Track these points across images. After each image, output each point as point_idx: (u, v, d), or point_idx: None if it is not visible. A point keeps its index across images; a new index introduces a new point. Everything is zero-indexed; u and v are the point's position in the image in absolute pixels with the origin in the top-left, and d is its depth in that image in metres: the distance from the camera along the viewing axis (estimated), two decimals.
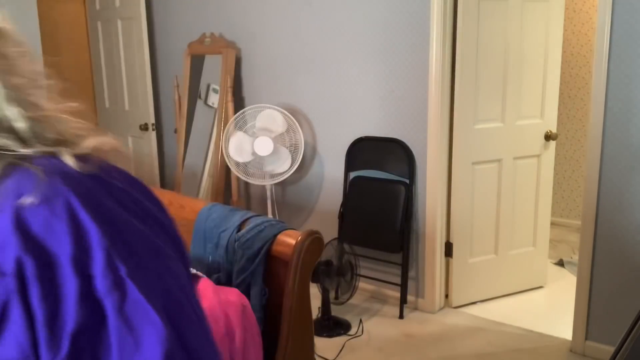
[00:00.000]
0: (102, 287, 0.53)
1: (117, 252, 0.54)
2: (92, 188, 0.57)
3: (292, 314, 1.78)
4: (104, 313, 0.53)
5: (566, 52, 4.41)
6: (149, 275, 0.56)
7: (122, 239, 0.56)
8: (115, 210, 0.57)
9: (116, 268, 0.54)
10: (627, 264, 2.65)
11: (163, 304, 0.56)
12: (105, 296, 0.53)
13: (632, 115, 2.55)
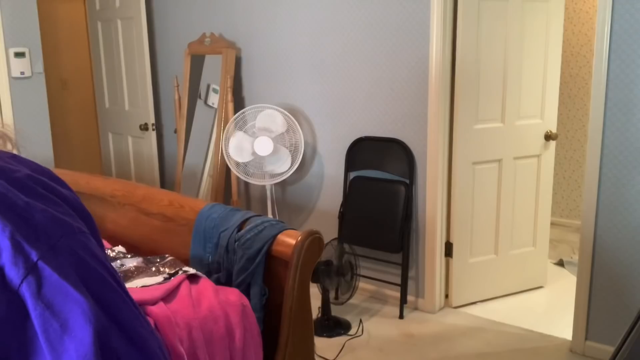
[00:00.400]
0: (15, 276, 0.51)
1: (23, 236, 0.52)
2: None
3: (292, 314, 1.78)
4: (23, 303, 0.50)
5: (566, 52, 4.40)
6: (61, 253, 0.54)
7: (27, 222, 0.54)
8: (13, 195, 0.55)
9: (26, 253, 0.52)
10: (627, 264, 2.65)
11: (82, 280, 0.54)
12: (20, 284, 0.51)
13: (632, 115, 2.55)
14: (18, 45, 3.60)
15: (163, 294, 1.67)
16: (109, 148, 4.64)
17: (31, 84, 3.70)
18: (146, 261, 1.91)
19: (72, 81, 5.63)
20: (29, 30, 3.65)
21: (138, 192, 2.33)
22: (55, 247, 0.53)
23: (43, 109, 3.78)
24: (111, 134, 4.60)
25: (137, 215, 2.27)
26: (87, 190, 2.49)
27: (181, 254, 2.04)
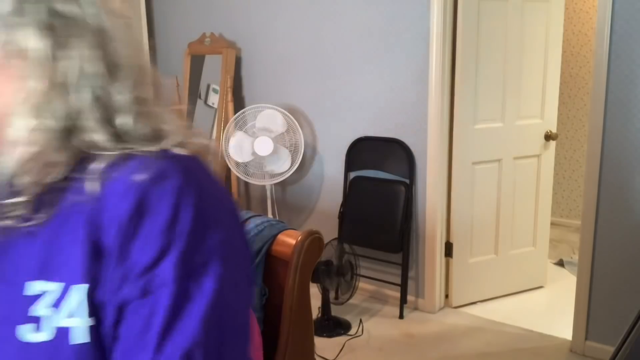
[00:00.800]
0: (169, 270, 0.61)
1: (196, 246, 0.62)
2: (195, 174, 0.65)
3: (292, 314, 1.78)
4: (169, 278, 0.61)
5: (566, 52, 4.40)
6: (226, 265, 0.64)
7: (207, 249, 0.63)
8: (212, 204, 0.65)
9: (189, 260, 0.62)
10: (627, 264, 2.65)
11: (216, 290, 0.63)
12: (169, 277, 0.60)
13: (632, 115, 2.55)
14: None
15: None
16: None
17: None
18: None
19: None
20: None
21: None
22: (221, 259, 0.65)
23: None
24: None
25: None
26: None
27: None
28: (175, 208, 0.61)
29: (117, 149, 0.64)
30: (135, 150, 0.64)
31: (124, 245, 0.61)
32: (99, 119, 0.63)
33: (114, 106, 0.64)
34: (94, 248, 0.61)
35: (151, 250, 0.61)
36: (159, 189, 0.62)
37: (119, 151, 0.63)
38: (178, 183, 0.62)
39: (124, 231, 0.61)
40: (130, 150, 0.64)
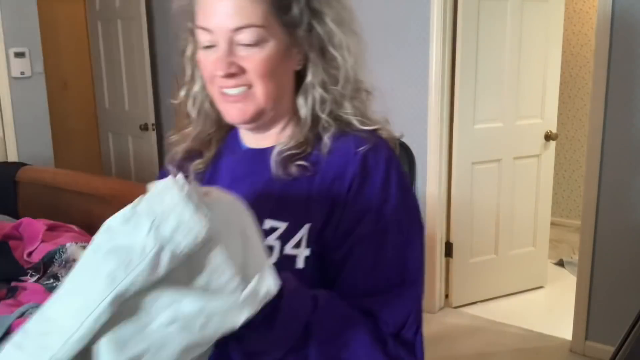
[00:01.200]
0: (391, 210, 0.83)
1: (403, 200, 0.85)
2: (394, 151, 0.92)
3: None
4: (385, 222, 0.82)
5: (566, 52, 4.40)
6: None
7: (407, 203, 0.87)
8: (404, 173, 0.92)
9: (400, 209, 0.84)
10: (627, 264, 2.65)
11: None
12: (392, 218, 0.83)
13: (632, 115, 2.55)
14: (18, 45, 3.60)
15: None
16: (109, 148, 4.63)
17: (31, 84, 3.70)
18: None
19: (72, 81, 5.63)
20: (29, 30, 3.65)
21: (138, 192, 2.32)
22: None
23: (43, 109, 3.78)
24: (111, 134, 4.60)
25: None
26: (87, 190, 2.49)
27: None
28: (387, 172, 0.84)
29: (345, 128, 0.89)
30: (352, 130, 0.88)
31: (353, 195, 0.82)
32: (333, 110, 0.89)
33: (343, 103, 0.90)
34: (329, 198, 0.82)
35: (374, 199, 0.82)
36: (375, 156, 0.85)
37: (352, 131, 0.89)
38: (388, 154, 0.87)
39: (354, 186, 0.83)
40: (349, 130, 0.88)
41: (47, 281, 1.82)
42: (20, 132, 3.66)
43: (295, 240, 0.82)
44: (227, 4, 0.79)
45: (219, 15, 0.80)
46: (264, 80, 0.82)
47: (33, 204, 2.76)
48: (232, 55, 0.81)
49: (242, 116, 0.85)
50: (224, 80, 0.82)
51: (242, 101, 0.83)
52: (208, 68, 0.84)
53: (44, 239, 2.12)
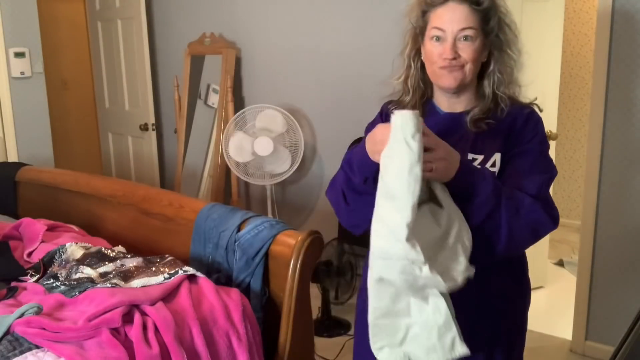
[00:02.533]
0: (538, 141, 1.35)
1: (543, 141, 1.37)
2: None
3: (292, 314, 1.78)
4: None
5: (566, 52, 4.40)
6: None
7: (546, 142, 1.39)
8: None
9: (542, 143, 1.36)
10: (627, 264, 2.65)
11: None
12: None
13: (631, 115, 2.55)
14: (18, 45, 3.60)
15: (163, 294, 1.67)
16: (109, 148, 4.64)
17: (31, 84, 3.70)
18: (146, 261, 1.91)
19: (72, 81, 5.63)
20: (29, 30, 3.65)
21: (138, 192, 2.33)
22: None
23: (43, 109, 3.78)
24: (111, 134, 4.60)
25: (137, 215, 2.27)
26: (87, 190, 2.49)
27: (181, 254, 2.04)
28: (538, 124, 1.36)
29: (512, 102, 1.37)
30: (514, 102, 1.38)
31: (521, 133, 1.33)
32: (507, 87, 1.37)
33: (509, 85, 1.38)
34: (507, 136, 1.34)
35: (533, 136, 1.34)
36: (533, 116, 1.37)
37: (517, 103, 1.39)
38: (538, 117, 1.38)
39: (521, 128, 1.34)
40: (513, 102, 1.37)
41: (47, 281, 1.82)
42: (20, 132, 3.66)
43: (491, 163, 1.33)
44: (457, 11, 1.29)
45: (451, 17, 1.29)
46: (471, 63, 1.31)
47: (33, 204, 2.76)
48: (455, 46, 1.30)
49: (455, 82, 1.32)
50: (449, 61, 1.30)
51: (457, 71, 1.31)
52: (434, 54, 1.32)
53: (44, 239, 2.12)
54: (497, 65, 1.35)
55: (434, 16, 1.32)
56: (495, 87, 1.36)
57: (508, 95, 1.36)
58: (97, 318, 1.50)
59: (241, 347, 1.66)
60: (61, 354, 1.41)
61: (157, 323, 1.54)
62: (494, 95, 1.36)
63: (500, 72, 1.35)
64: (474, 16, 1.29)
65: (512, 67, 1.37)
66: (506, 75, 1.36)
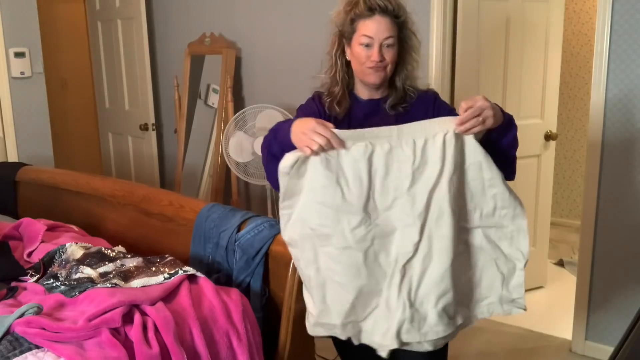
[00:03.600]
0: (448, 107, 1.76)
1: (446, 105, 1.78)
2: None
3: (292, 314, 1.78)
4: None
5: (566, 52, 4.40)
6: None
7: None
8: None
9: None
10: (627, 264, 2.65)
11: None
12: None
13: (631, 115, 2.55)
14: (18, 45, 3.60)
15: (163, 294, 1.67)
16: (109, 148, 4.64)
17: (31, 84, 3.70)
18: (146, 261, 1.91)
19: (72, 81, 5.64)
20: (29, 30, 3.65)
21: (138, 192, 2.33)
22: None
23: (43, 109, 3.78)
24: (111, 134, 4.60)
25: (137, 215, 2.27)
26: (87, 190, 2.49)
27: (181, 254, 2.04)
28: (438, 96, 1.75)
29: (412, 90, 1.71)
30: (416, 89, 1.71)
31: (440, 106, 1.70)
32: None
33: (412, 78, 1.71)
34: (423, 116, 1.59)
35: (447, 105, 1.74)
36: (435, 96, 1.74)
37: (414, 90, 1.71)
38: (435, 93, 1.76)
39: (439, 104, 1.72)
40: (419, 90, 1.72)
41: (47, 281, 1.82)
42: (20, 132, 3.66)
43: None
44: (382, 23, 1.60)
45: (379, 29, 1.60)
46: (391, 64, 1.64)
47: (33, 204, 2.76)
48: (380, 51, 1.60)
49: (379, 79, 1.65)
50: (376, 63, 1.60)
51: (382, 71, 1.63)
52: (363, 56, 1.62)
53: (44, 239, 2.12)
54: (405, 65, 1.68)
55: (362, 25, 1.61)
56: (404, 81, 1.69)
57: (412, 86, 1.70)
58: (97, 318, 1.50)
59: (241, 347, 1.66)
60: (61, 354, 1.41)
61: (157, 323, 1.54)
62: (403, 87, 1.69)
63: (407, 69, 1.68)
64: (394, 26, 1.61)
65: (415, 66, 1.70)
66: (411, 72, 1.69)
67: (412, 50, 1.68)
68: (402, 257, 1.44)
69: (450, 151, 1.42)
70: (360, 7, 1.61)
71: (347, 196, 1.42)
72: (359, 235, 1.43)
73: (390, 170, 1.43)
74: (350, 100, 1.72)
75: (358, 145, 1.41)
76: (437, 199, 1.43)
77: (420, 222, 1.43)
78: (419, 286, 1.45)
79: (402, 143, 1.43)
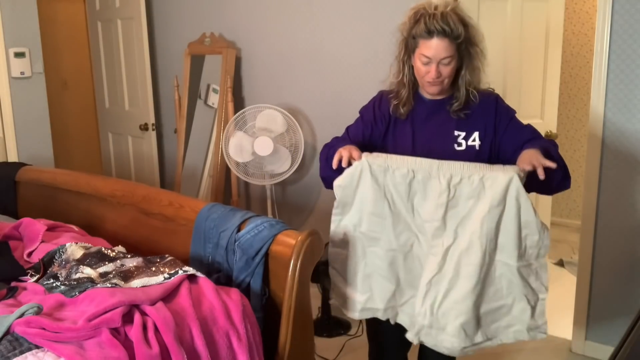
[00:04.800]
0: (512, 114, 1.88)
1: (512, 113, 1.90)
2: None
3: (292, 314, 1.78)
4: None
5: (566, 52, 4.40)
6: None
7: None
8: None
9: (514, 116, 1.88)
10: (627, 264, 2.65)
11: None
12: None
13: (631, 115, 2.55)
14: (18, 45, 3.60)
15: (163, 294, 1.67)
16: (109, 148, 4.64)
17: (31, 84, 3.70)
18: (146, 261, 1.91)
19: (72, 81, 5.64)
20: (29, 30, 3.65)
21: (138, 192, 2.33)
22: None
23: (43, 109, 3.78)
24: (111, 134, 4.60)
25: (137, 215, 2.27)
26: (87, 190, 2.49)
27: (181, 254, 2.04)
28: (501, 100, 1.87)
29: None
30: (479, 91, 1.83)
31: (499, 114, 1.84)
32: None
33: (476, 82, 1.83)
34: (485, 118, 1.82)
35: (504, 111, 1.85)
36: (497, 98, 1.86)
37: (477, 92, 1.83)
38: (496, 98, 1.86)
39: (496, 114, 1.83)
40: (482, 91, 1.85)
41: (47, 281, 1.82)
42: (20, 132, 3.66)
43: (472, 139, 1.80)
44: (440, 45, 1.71)
45: (437, 50, 1.71)
46: (448, 78, 1.77)
47: (33, 204, 2.76)
48: (437, 69, 1.73)
49: (436, 91, 1.80)
50: (433, 79, 1.74)
51: (438, 85, 1.77)
52: (422, 71, 1.76)
53: (44, 239, 2.12)
54: (468, 71, 1.78)
55: (422, 44, 1.73)
56: (467, 86, 1.79)
57: (475, 88, 1.80)
58: (97, 318, 1.50)
59: (241, 347, 1.66)
60: (61, 354, 1.41)
61: (157, 323, 1.54)
62: (466, 92, 1.79)
63: (470, 76, 1.78)
64: (452, 46, 1.72)
65: (477, 72, 1.79)
66: (475, 77, 1.79)
67: (474, 59, 1.77)
68: (428, 273, 1.71)
69: (486, 192, 1.65)
70: (420, 28, 1.72)
71: (393, 208, 1.73)
72: (401, 241, 1.75)
73: (427, 197, 1.70)
74: (415, 100, 1.85)
75: (401, 169, 1.70)
76: (468, 231, 1.66)
77: (446, 247, 1.68)
78: (443, 301, 1.69)
79: (440, 175, 1.67)
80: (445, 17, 1.71)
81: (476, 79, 1.79)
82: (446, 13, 1.72)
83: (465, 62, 1.77)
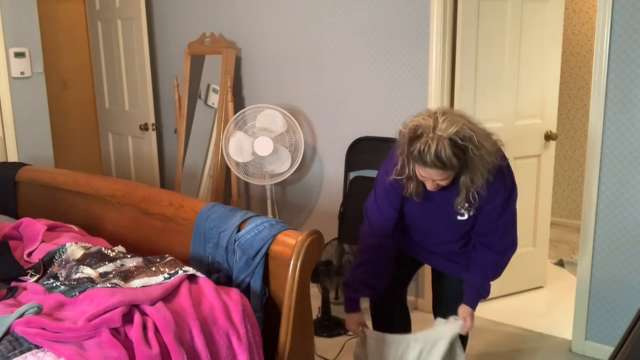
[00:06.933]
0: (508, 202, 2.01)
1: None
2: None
3: (292, 314, 1.78)
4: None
5: (566, 52, 4.40)
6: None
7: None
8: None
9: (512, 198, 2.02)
10: (627, 264, 2.65)
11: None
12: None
13: (632, 115, 2.55)
14: (18, 45, 3.60)
15: (163, 294, 1.67)
16: (109, 148, 4.64)
17: (31, 84, 3.70)
18: (146, 261, 1.91)
19: (72, 81, 5.63)
20: (29, 30, 3.65)
21: (138, 192, 2.33)
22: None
23: (43, 109, 3.78)
24: (111, 134, 4.60)
25: (137, 215, 2.27)
26: (87, 190, 2.49)
27: (181, 254, 2.04)
28: (500, 178, 1.94)
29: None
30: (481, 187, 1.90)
31: (491, 197, 1.93)
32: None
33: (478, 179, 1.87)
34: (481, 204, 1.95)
35: (500, 201, 1.97)
36: (503, 185, 1.98)
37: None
38: (500, 173, 1.95)
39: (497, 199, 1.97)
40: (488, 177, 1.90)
41: (47, 281, 1.82)
42: (20, 132, 3.66)
43: (469, 215, 1.98)
44: (434, 172, 1.79)
45: (432, 175, 1.81)
46: (448, 181, 1.85)
47: (33, 204, 2.76)
48: (434, 183, 1.85)
49: (437, 190, 1.90)
50: (431, 189, 1.89)
51: (436, 188, 1.88)
52: (421, 178, 1.86)
53: (44, 239, 2.12)
54: (469, 175, 1.83)
55: (417, 167, 1.83)
56: (468, 187, 1.86)
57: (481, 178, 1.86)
58: (97, 318, 1.50)
59: (241, 347, 1.66)
60: (61, 354, 1.41)
61: (157, 323, 1.54)
62: (467, 192, 1.88)
63: (471, 180, 1.84)
64: (447, 172, 1.79)
65: (483, 172, 1.83)
66: (477, 178, 1.84)
67: (474, 167, 1.80)
68: None
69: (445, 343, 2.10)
70: (415, 154, 1.76)
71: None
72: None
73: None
74: (425, 189, 1.96)
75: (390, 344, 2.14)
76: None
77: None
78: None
79: (427, 342, 2.10)
80: (439, 154, 1.71)
81: (479, 179, 1.83)
82: (439, 149, 1.71)
83: (464, 172, 1.82)
